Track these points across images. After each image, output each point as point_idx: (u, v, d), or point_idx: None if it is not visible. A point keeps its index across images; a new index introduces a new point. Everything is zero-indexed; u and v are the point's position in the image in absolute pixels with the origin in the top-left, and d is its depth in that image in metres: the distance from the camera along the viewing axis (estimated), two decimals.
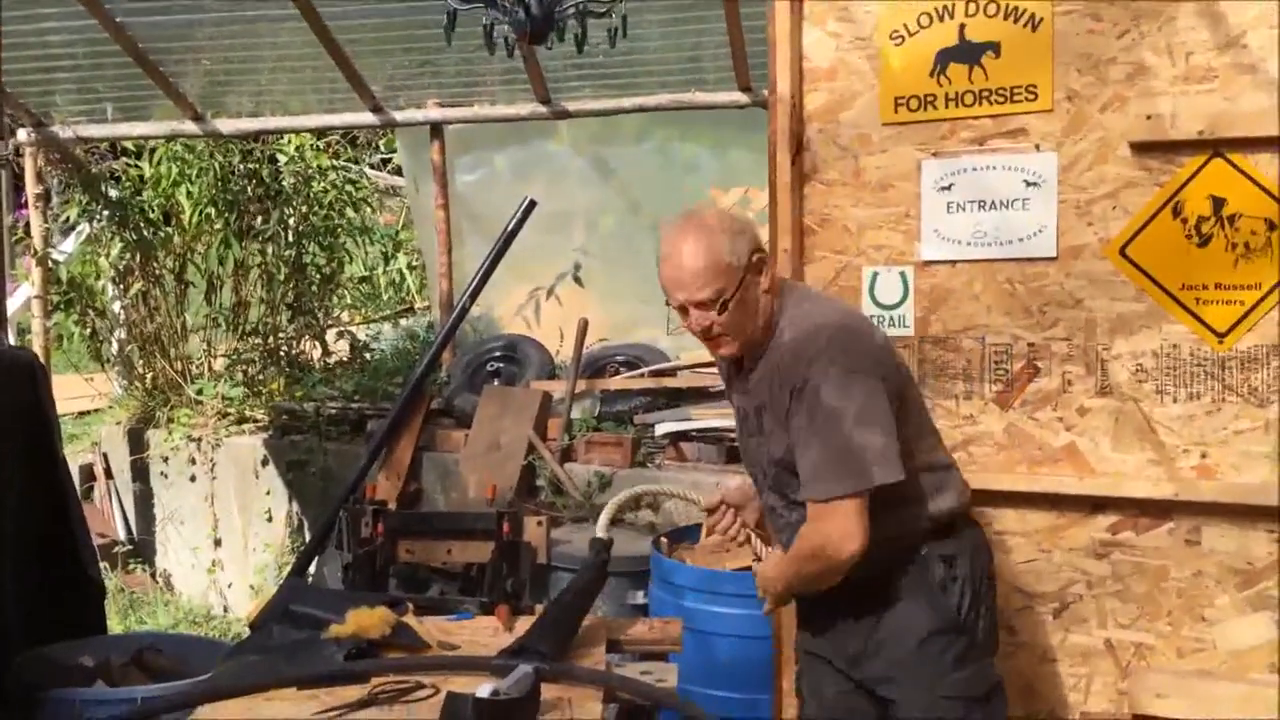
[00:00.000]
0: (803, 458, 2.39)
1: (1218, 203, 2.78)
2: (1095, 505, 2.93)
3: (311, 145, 7.40)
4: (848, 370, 2.38)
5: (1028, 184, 2.93)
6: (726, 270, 2.42)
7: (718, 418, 5.13)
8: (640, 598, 4.13)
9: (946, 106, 3.00)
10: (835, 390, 2.36)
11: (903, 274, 3.06)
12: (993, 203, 2.97)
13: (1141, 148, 2.83)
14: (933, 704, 2.46)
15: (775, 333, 2.50)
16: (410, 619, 2.51)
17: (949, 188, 3.01)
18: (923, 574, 2.50)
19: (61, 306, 6.88)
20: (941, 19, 2.99)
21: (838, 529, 2.34)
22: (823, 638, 2.62)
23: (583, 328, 5.70)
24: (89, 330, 7.03)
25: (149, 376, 7.03)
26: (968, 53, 2.98)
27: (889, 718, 2.54)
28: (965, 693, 2.49)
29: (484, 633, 2.59)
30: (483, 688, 1.99)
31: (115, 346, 7.33)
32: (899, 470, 2.37)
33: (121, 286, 7.09)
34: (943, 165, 3.01)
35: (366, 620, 2.41)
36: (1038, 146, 2.92)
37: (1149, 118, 2.81)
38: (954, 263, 3.02)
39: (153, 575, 6.54)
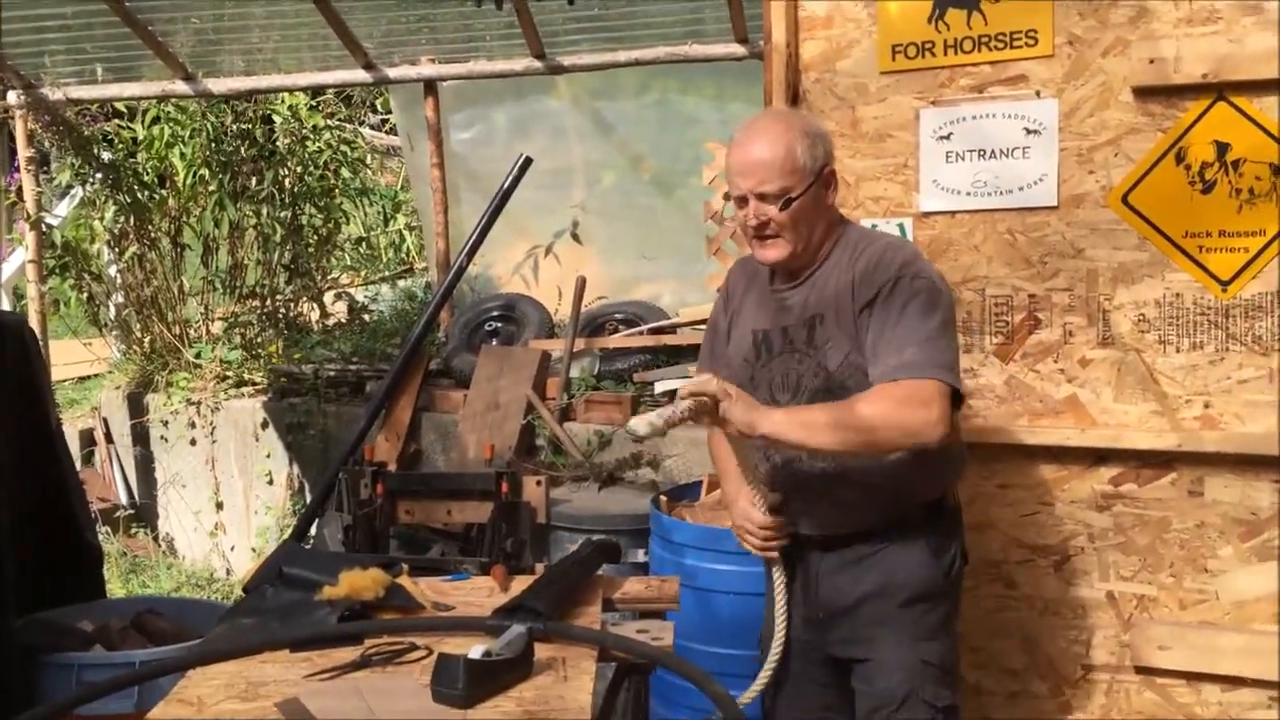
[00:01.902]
0: (894, 340, 2.32)
1: (1221, 148, 2.72)
2: (1097, 457, 2.90)
3: (306, 105, 7.33)
4: (935, 288, 2.38)
5: (1028, 132, 2.88)
6: (797, 170, 2.38)
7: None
8: (640, 556, 4.12)
9: (945, 54, 2.94)
10: (928, 297, 2.35)
11: (901, 225, 3.01)
12: (992, 151, 2.92)
13: (1144, 92, 2.78)
14: (911, 666, 2.42)
15: (834, 250, 2.46)
16: (405, 580, 2.48)
17: (948, 137, 2.96)
18: (924, 530, 2.48)
19: (57, 271, 6.84)
20: None
21: (937, 410, 2.26)
22: (807, 594, 2.55)
23: (581, 285, 5.66)
24: (85, 295, 7.00)
25: (147, 340, 7.01)
26: None
27: (857, 688, 2.48)
28: (941, 662, 2.46)
29: (480, 593, 2.57)
30: (475, 648, 1.97)
31: (112, 311, 7.30)
32: (962, 386, 2.38)
33: (117, 250, 7.04)
34: (941, 114, 2.95)
35: (360, 582, 2.39)
36: (1038, 93, 2.87)
37: (1152, 61, 2.75)
38: (953, 213, 2.97)
39: (155, 539, 6.55)
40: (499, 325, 6.09)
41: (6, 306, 7.67)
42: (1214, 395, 2.79)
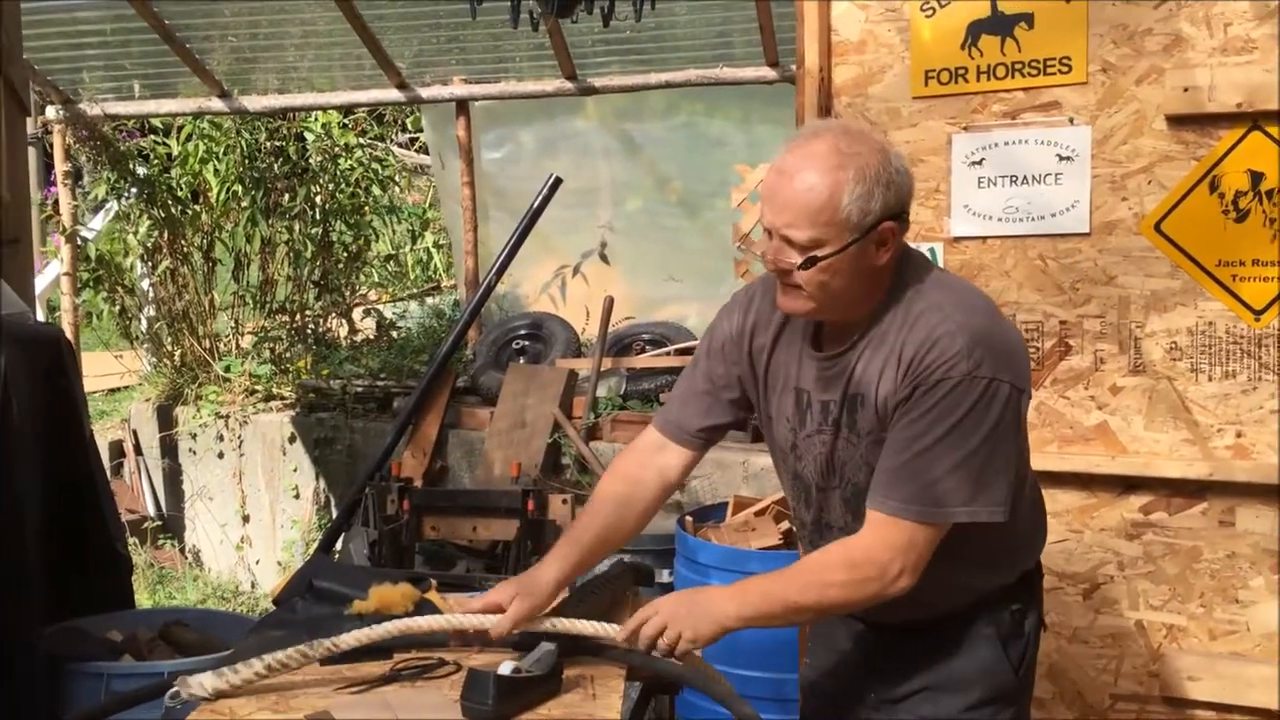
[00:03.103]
0: (894, 460, 1.98)
1: (1256, 177, 2.72)
2: (1127, 485, 2.88)
3: (338, 123, 7.41)
4: (993, 380, 1.96)
5: (1061, 158, 2.88)
6: (836, 224, 1.93)
7: None
8: (665, 576, 4.12)
9: (978, 79, 2.95)
10: (975, 403, 1.95)
11: (932, 250, 3.01)
12: (1025, 177, 2.92)
13: (1178, 120, 2.77)
14: None
15: (886, 314, 2.04)
16: (433, 596, 2.50)
17: (980, 162, 2.96)
18: (992, 626, 2.17)
19: (90, 284, 6.92)
20: None
21: (896, 567, 1.95)
22: (861, 672, 2.26)
23: (608, 305, 5.68)
24: (118, 307, 7.08)
25: (177, 354, 7.08)
26: (1000, 24, 2.92)
27: None
28: None
29: None
30: (504, 665, 1.98)
31: (144, 324, 7.38)
32: (1005, 510, 2.00)
33: (150, 264, 7.12)
34: (974, 139, 2.96)
35: (389, 597, 2.40)
36: (1071, 120, 2.87)
37: (1186, 90, 2.75)
38: (984, 239, 2.97)
39: (181, 551, 6.59)
40: (526, 343, 6.12)
41: (41, 318, 7.75)
42: (1246, 425, 2.77)
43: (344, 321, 7.41)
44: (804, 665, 2.46)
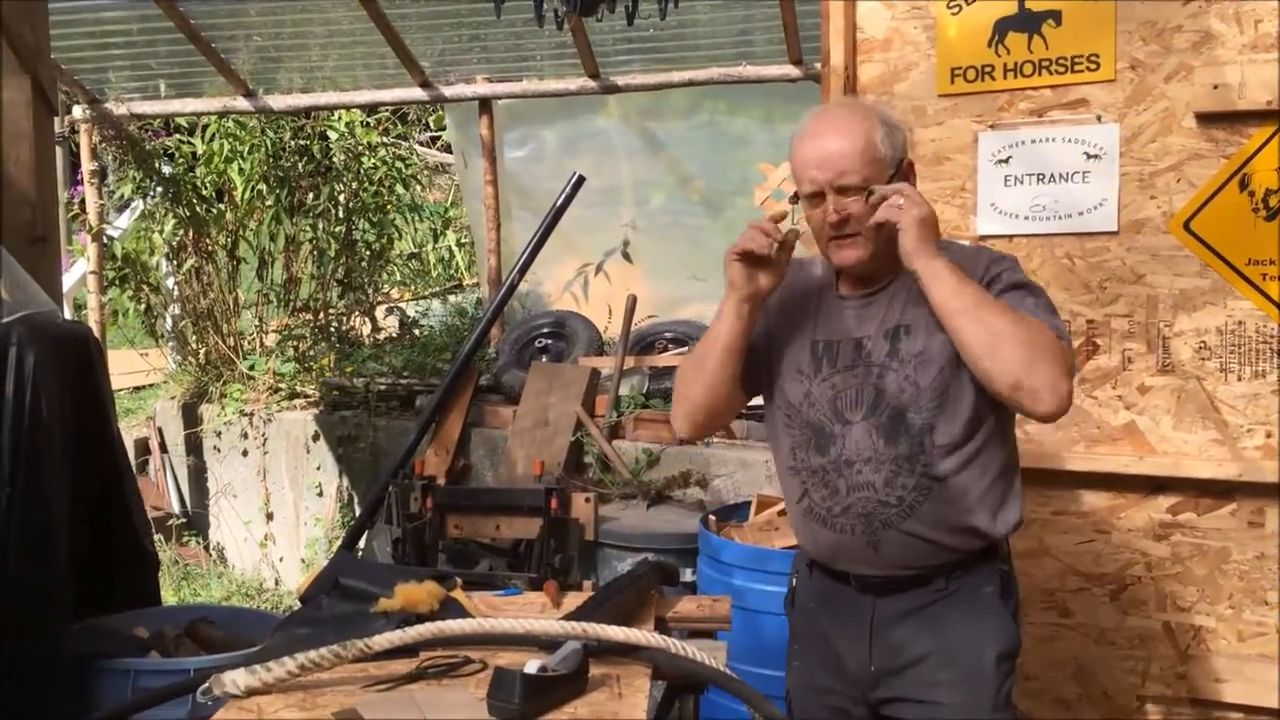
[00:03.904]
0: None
1: None
2: (1155, 486, 2.86)
3: (361, 122, 7.43)
4: (1033, 283, 2.23)
5: (1088, 156, 2.86)
6: (878, 161, 2.18)
7: None
8: (689, 575, 4.11)
9: (1005, 77, 2.94)
10: (1031, 287, 2.20)
11: None
12: (1052, 175, 2.90)
13: (1208, 118, 2.76)
14: None
15: None
16: (458, 594, 2.50)
17: (1007, 160, 2.95)
18: (991, 585, 2.25)
19: (116, 282, 6.96)
20: None
21: (1067, 388, 2.06)
22: (859, 647, 2.29)
23: (631, 304, 5.68)
24: (143, 306, 7.12)
25: (202, 352, 7.11)
26: (1027, 21, 2.91)
27: None
28: None
29: (532, 609, 2.58)
30: (531, 663, 1.98)
31: (169, 322, 7.42)
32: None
33: (175, 262, 7.16)
34: (1000, 137, 2.95)
35: (415, 595, 2.40)
36: (1099, 118, 2.85)
37: (1216, 87, 2.73)
38: (1011, 237, 2.96)
39: (206, 548, 6.63)
40: (549, 342, 6.12)
41: (68, 316, 7.81)
42: (1275, 425, 2.75)
43: (367, 319, 7.43)
44: (792, 671, 2.45)
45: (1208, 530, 2.83)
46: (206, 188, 7.12)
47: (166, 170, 6.98)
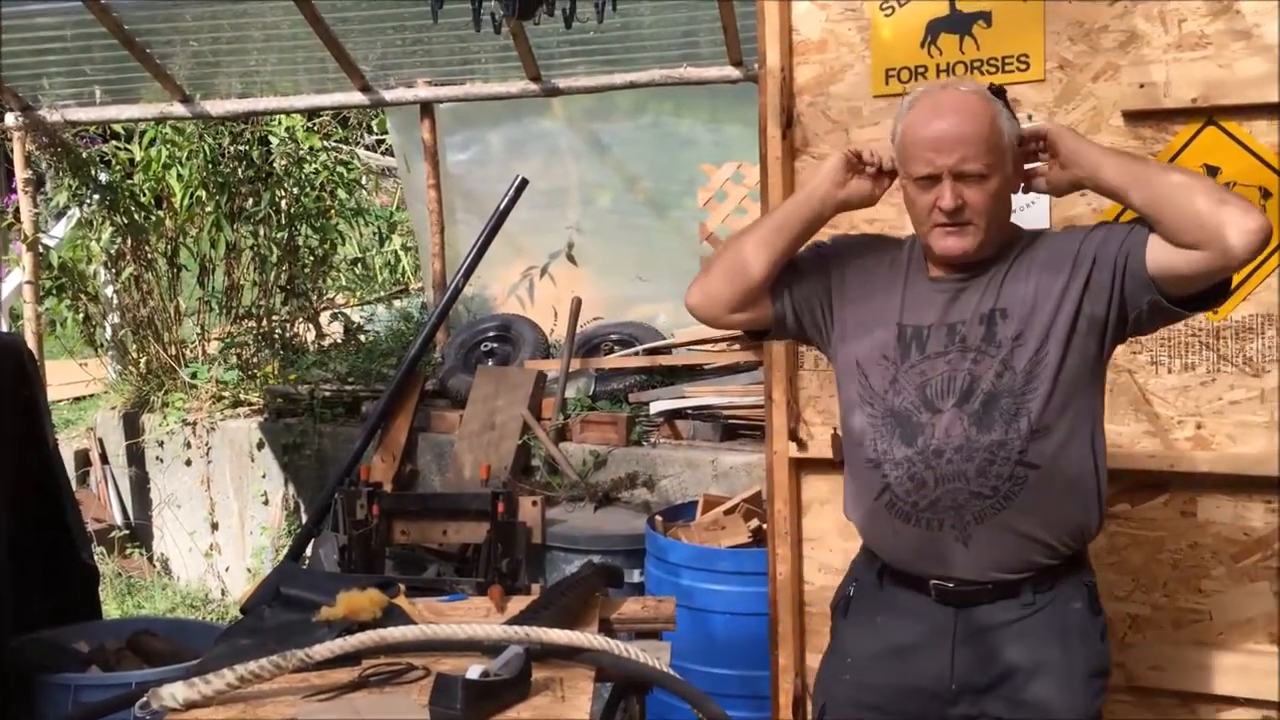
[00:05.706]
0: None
1: (1212, 171, 2.75)
2: None
3: (303, 126, 7.36)
4: None
5: None
6: (1001, 148, 2.13)
7: (713, 395, 5.12)
8: (636, 576, 4.13)
9: (938, 77, 2.97)
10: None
11: None
12: None
13: (1135, 116, 2.81)
14: None
15: (1006, 244, 2.21)
16: (402, 600, 2.49)
17: None
18: (1079, 600, 2.20)
19: (54, 292, 6.84)
20: None
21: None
22: (936, 659, 2.19)
23: (576, 306, 5.68)
24: (82, 315, 7.00)
25: (143, 361, 7.01)
26: (959, 23, 2.95)
27: None
28: None
29: (477, 614, 2.58)
30: (473, 668, 1.98)
31: (109, 331, 7.31)
32: None
33: (113, 271, 7.06)
34: None
35: (357, 603, 2.40)
36: (1030, 117, 2.89)
37: (1142, 86, 2.78)
38: None
39: (150, 559, 6.53)
40: (495, 345, 6.10)
41: (4, 327, 7.67)
42: (1206, 416, 2.81)
43: (311, 326, 7.37)
44: (841, 684, 2.30)
45: (1142, 520, 2.88)
46: (145, 195, 7.02)
47: (103, 177, 6.87)
